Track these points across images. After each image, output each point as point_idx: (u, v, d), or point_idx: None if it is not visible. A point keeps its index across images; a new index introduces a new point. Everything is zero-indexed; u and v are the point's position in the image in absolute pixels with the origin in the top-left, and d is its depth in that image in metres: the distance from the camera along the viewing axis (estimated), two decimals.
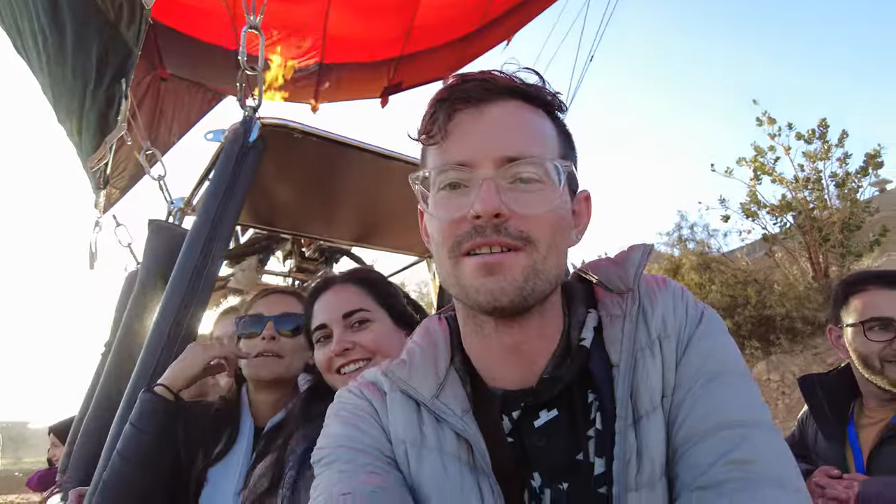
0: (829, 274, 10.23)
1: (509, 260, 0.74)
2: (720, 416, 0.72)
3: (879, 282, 1.72)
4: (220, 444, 1.55)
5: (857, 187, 10.56)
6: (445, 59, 5.31)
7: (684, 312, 0.83)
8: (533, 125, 0.80)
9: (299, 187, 2.45)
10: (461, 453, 0.79)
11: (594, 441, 0.77)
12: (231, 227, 1.70)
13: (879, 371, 1.65)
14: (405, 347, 0.95)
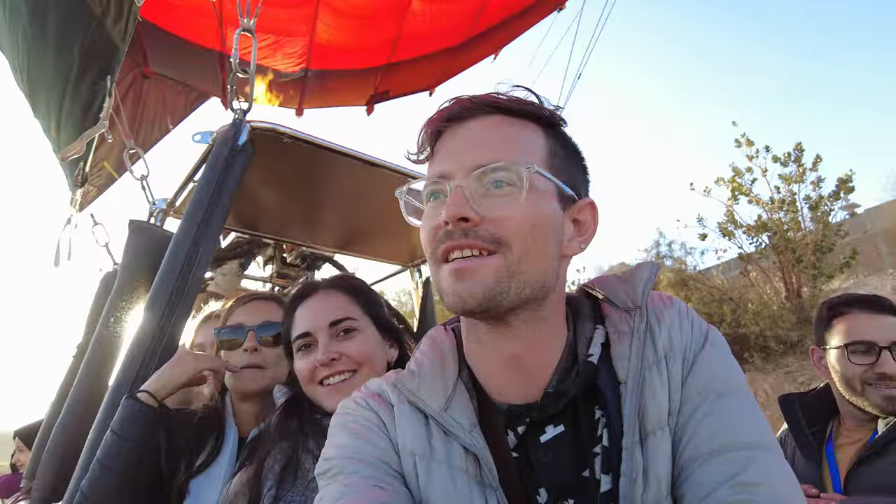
0: (802, 294, 10.49)
1: (478, 264, 0.76)
2: (726, 437, 0.73)
3: (863, 306, 1.76)
4: (204, 454, 1.50)
5: (830, 210, 10.87)
6: (432, 70, 5.32)
7: (690, 331, 0.84)
8: (509, 135, 0.83)
9: (284, 192, 2.42)
10: (469, 467, 0.79)
11: (600, 458, 0.77)
12: (218, 232, 1.66)
13: (860, 393, 1.69)
14: (413, 358, 0.94)
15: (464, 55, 5.21)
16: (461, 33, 5.00)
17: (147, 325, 1.54)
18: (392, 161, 2.24)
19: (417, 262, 3.31)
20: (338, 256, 3.22)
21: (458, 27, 4.94)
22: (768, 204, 11.17)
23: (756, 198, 11.33)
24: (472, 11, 4.77)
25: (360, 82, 5.20)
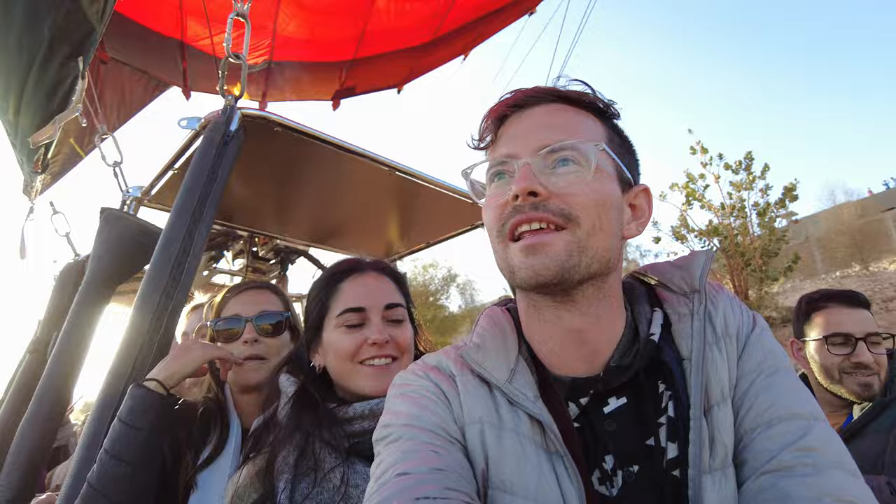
0: (749, 296, 11.06)
1: (551, 238, 0.80)
2: (784, 408, 0.79)
3: (840, 300, 1.90)
4: (210, 447, 1.47)
5: (775, 217, 11.54)
6: (398, 68, 5.30)
7: (741, 314, 0.90)
8: (572, 119, 0.88)
9: (263, 182, 2.36)
10: (536, 436, 0.81)
11: (666, 427, 0.81)
12: (212, 219, 1.61)
13: (838, 381, 1.82)
14: (473, 333, 0.96)
15: (431, 54, 5.20)
16: (428, 32, 4.99)
17: (143, 316, 1.47)
18: (377, 153, 2.22)
19: (393, 257, 3.29)
20: (313, 250, 3.17)
21: (424, 26, 4.93)
22: (720, 209, 11.76)
23: (708, 203, 11.93)
24: (438, 11, 4.78)
25: (325, 76, 5.12)
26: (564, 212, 0.80)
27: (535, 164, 0.82)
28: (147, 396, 1.34)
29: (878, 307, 11.13)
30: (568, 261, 0.78)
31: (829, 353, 1.85)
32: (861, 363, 1.79)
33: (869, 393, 1.78)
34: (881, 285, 13.89)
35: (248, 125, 1.77)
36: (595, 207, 0.81)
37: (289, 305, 1.74)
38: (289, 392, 1.35)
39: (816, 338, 1.90)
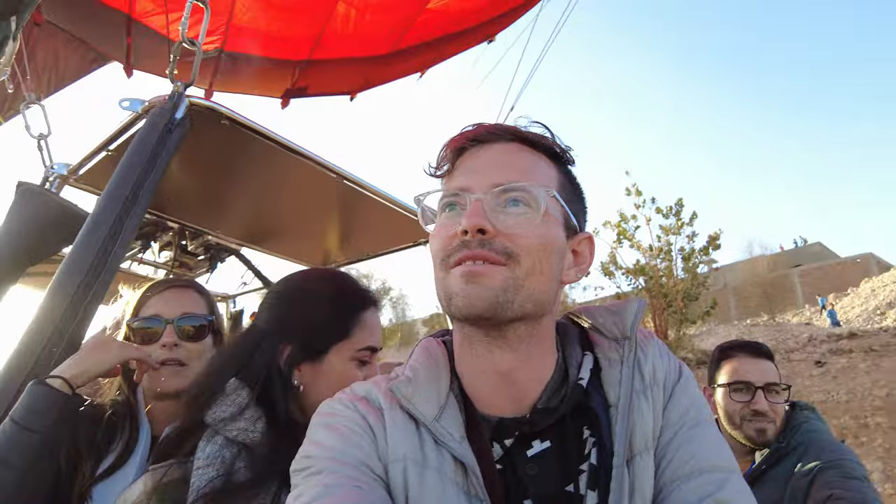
0: (668, 336, 11.59)
1: (491, 271, 0.81)
2: (704, 460, 0.81)
3: (747, 351, 2.03)
4: (114, 455, 1.34)
5: (698, 263, 12.20)
6: (353, 75, 5.25)
7: (668, 363, 0.93)
8: (528, 161, 0.90)
9: (201, 175, 2.26)
10: (458, 477, 0.80)
11: (587, 475, 0.81)
12: (145, 209, 1.51)
13: (738, 427, 1.93)
14: (407, 365, 0.94)
15: (388, 67, 5.19)
16: (386, 45, 4.99)
17: (55, 303, 1.34)
18: (325, 158, 2.17)
19: (331, 266, 3.22)
20: (245, 251, 3.05)
21: (383, 38, 4.92)
22: (648, 251, 12.34)
23: (638, 243, 12.50)
24: (398, 27, 4.78)
25: (276, 73, 4.99)
26: (508, 250, 0.81)
27: (487, 201, 0.83)
28: (49, 395, 1.21)
29: (781, 357, 11.91)
30: (502, 295, 0.79)
31: (732, 399, 1.96)
32: (758, 410, 1.90)
33: (763, 438, 1.89)
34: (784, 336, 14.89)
35: (194, 114, 1.69)
36: (537, 250, 0.83)
37: (213, 307, 1.64)
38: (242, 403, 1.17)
39: (722, 384, 2.02)
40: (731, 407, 1.95)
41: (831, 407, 9.60)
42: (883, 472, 7.91)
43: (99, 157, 1.91)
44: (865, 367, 10.54)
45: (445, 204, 0.89)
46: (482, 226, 0.80)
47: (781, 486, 1.75)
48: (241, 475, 1.10)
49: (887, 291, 21.54)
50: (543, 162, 0.91)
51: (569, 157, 0.95)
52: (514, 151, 0.90)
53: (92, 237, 1.42)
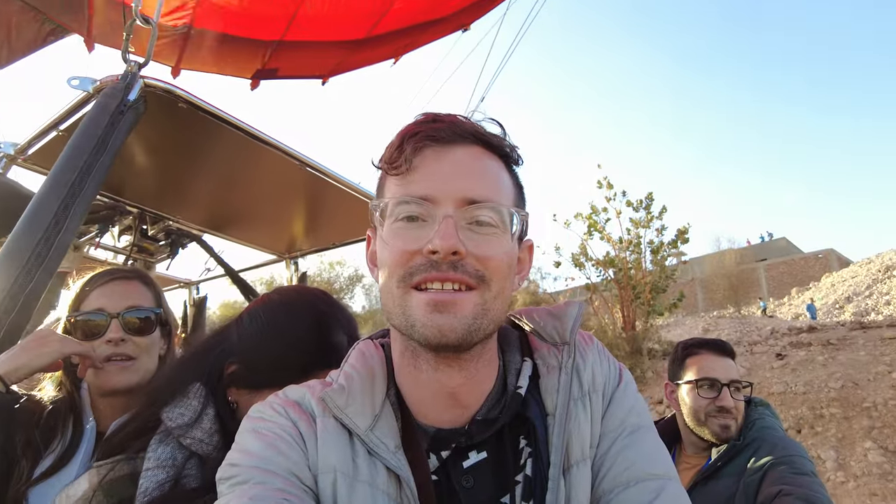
0: (636, 327, 11.80)
1: (461, 298, 0.76)
2: (641, 469, 0.80)
3: (711, 349, 2.07)
4: (54, 455, 1.28)
5: (667, 256, 12.42)
6: (326, 59, 5.14)
7: (608, 369, 0.91)
8: (493, 172, 0.85)
9: (161, 158, 2.19)
10: (391, 489, 0.77)
11: (522, 486, 0.80)
12: (94, 194, 1.44)
13: (703, 423, 1.96)
14: (341, 371, 0.90)
15: (362, 52, 5.09)
16: (361, 29, 4.90)
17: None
18: (289, 145, 2.13)
19: (295, 254, 3.17)
20: (208, 237, 2.98)
21: (358, 23, 4.82)
22: (617, 243, 12.53)
23: (608, 236, 12.69)
24: (374, 12, 4.70)
25: (247, 53, 4.85)
26: (479, 273, 0.77)
27: (458, 219, 0.77)
28: None
29: (744, 349, 12.22)
30: (473, 323, 0.75)
31: (699, 395, 2.00)
32: (724, 407, 1.94)
33: (727, 434, 1.93)
34: (748, 328, 15.27)
35: (149, 96, 1.62)
36: (505, 271, 0.80)
37: (160, 298, 1.57)
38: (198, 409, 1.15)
39: (688, 381, 2.05)
40: (698, 403, 1.99)
41: (790, 398, 9.90)
42: (836, 461, 8.20)
43: (49, 136, 1.83)
44: (823, 360, 10.88)
45: (406, 213, 0.80)
46: (457, 248, 0.75)
47: (735, 482, 1.79)
48: (191, 481, 1.08)
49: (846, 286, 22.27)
50: (504, 171, 0.87)
51: (520, 159, 0.91)
52: (479, 158, 0.83)
53: (33, 224, 1.35)
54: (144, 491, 1.03)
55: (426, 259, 0.76)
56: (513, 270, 0.83)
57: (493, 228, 0.79)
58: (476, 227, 0.79)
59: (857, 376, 9.84)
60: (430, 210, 0.78)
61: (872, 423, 8.64)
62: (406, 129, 0.84)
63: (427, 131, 0.82)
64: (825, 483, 7.70)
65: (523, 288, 14.11)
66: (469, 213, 0.78)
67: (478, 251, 0.77)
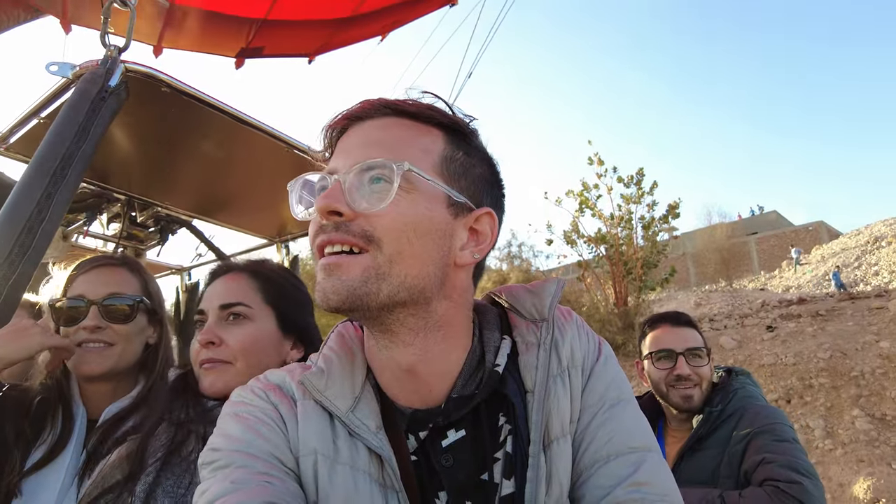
0: (628, 303, 11.87)
1: (347, 261, 0.75)
2: (621, 443, 0.81)
3: (667, 321, 2.10)
4: (46, 445, 1.28)
5: (658, 231, 12.45)
6: (312, 37, 5.06)
7: (587, 344, 0.91)
8: (398, 135, 0.81)
9: (146, 144, 2.17)
10: (372, 469, 0.78)
11: (502, 463, 0.81)
12: (77, 182, 1.43)
13: (665, 395, 2.00)
14: (320, 354, 0.90)
15: (348, 30, 5.01)
16: (347, 7, 4.83)
17: None
18: (276, 128, 2.11)
19: (286, 238, 3.16)
20: (197, 222, 2.96)
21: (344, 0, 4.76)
22: (609, 219, 12.54)
23: (599, 212, 12.68)
24: None
25: (231, 31, 4.76)
26: (367, 233, 0.74)
27: (347, 180, 0.76)
28: None
29: (735, 322, 12.36)
30: (361, 287, 0.73)
31: (655, 367, 2.04)
32: (680, 375, 1.97)
33: (689, 404, 1.97)
34: (740, 301, 15.42)
35: (131, 81, 1.60)
36: (403, 231, 0.75)
37: (147, 286, 1.55)
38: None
39: (646, 355, 2.09)
40: (656, 375, 2.03)
41: (780, 369, 10.05)
42: (824, 430, 8.36)
43: (31, 124, 1.81)
44: (812, 331, 11.02)
45: (319, 188, 0.81)
46: (333, 207, 0.74)
47: (720, 452, 1.82)
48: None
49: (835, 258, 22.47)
50: (426, 135, 0.83)
51: (463, 127, 0.87)
52: (387, 126, 0.82)
53: (15, 214, 1.33)
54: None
55: (319, 225, 0.77)
56: (429, 233, 0.78)
57: (385, 185, 0.76)
58: (371, 185, 0.76)
59: (845, 346, 9.99)
60: (329, 180, 0.79)
61: (860, 392, 8.80)
62: (331, 118, 0.86)
63: (345, 114, 0.84)
64: (814, 451, 7.87)
65: (515, 266, 14.17)
66: (361, 175, 0.76)
67: (364, 210, 0.75)
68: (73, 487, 1.26)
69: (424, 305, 0.80)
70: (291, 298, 1.36)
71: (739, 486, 1.72)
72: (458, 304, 0.85)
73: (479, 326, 0.91)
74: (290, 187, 0.85)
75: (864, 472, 7.26)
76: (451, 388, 0.84)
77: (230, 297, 1.26)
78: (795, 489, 1.55)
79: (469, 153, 0.86)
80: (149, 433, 1.15)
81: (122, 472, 1.10)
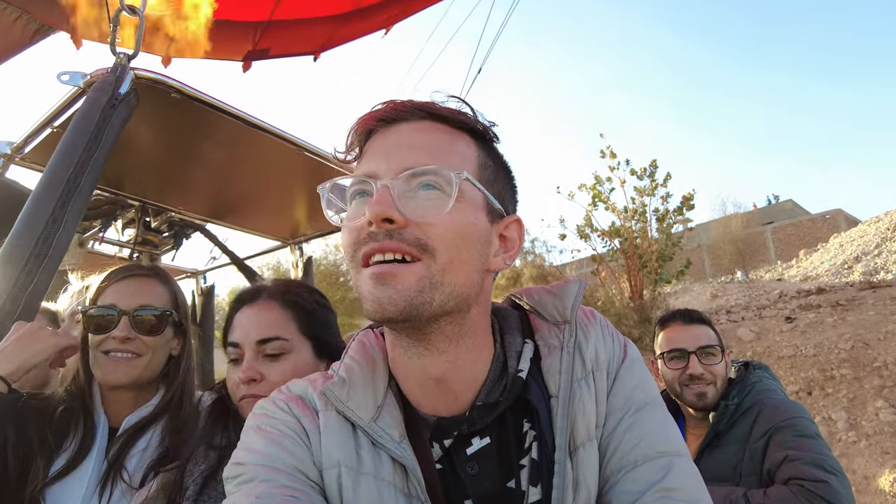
0: (643, 296, 11.76)
1: (402, 270, 0.73)
2: (649, 447, 0.79)
3: (680, 319, 2.06)
4: (69, 453, 1.28)
5: (673, 223, 12.32)
6: (317, 34, 5.08)
7: (612, 345, 0.89)
8: (440, 140, 0.80)
9: (158, 150, 2.18)
10: (396, 480, 0.77)
11: (528, 470, 0.79)
12: (90, 190, 1.43)
13: (680, 394, 1.97)
14: (342, 363, 0.89)
15: (352, 24, 5.03)
16: (349, 1, 4.84)
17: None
18: (287, 131, 2.11)
19: (299, 239, 3.17)
20: (211, 226, 2.98)
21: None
22: (622, 212, 12.43)
23: (612, 206, 12.57)
24: None
25: (237, 35, 4.81)
26: (421, 241, 0.73)
27: (396, 187, 0.74)
28: None
29: (753, 314, 12.20)
30: (418, 297, 0.72)
31: (668, 368, 2.01)
32: (692, 374, 1.94)
33: (704, 402, 1.93)
34: (757, 292, 15.23)
35: (141, 88, 1.60)
36: (454, 239, 0.75)
37: (176, 298, 1.55)
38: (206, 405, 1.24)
39: (660, 354, 2.06)
40: (670, 375, 2.00)
41: (800, 361, 9.91)
42: (847, 422, 8.23)
43: (44, 133, 1.82)
44: (832, 322, 10.86)
45: (354, 192, 0.80)
46: (388, 214, 0.72)
47: (740, 449, 1.79)
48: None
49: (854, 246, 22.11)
50: (461, 140, 0.82)
51: (491, 134, 0.86)
52: (425, 130, 0.80)
53: (32, 222, 1.34)
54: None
55: (367, 233, 0.74)
56: (475, 241, 0.78)
57: (437, 192, 0.75)
58: (420, 191, 0.75)
59: (867, 336, 9.83)
60: (372, 184, 0.76)
61: (883, 383, 8.65)
62: (358, 119, 0.83)
63: (375, 115, 0.82)
64: (837, 444, 7.75)
65: (529, 262, 14.11)
66: (410, 181, 0.75)
67: (418, 218, 0.73)
68: (94, 497, 1.27)
69: (465, 313, 0.80)
70: (323, 323, 1.34)
71: (763, 483, 1.68)
72: (484, 309, 0.85)
73: (501, 331, 0.90)
74: (320, 190, 0.84)
75: (889, 464, 7.14)
76: (476, 396, 0.83)
77: (267, 331, 1.23)
78: (822, 488, 1.51)
79: (496, 160, 0.87)
80: (186, 461, 1.16)
81: (162, 503, 1.11)
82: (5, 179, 1.87)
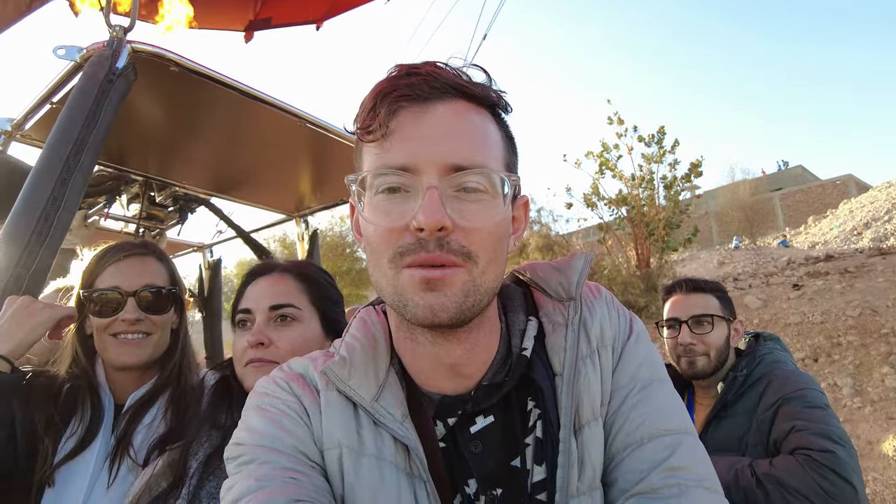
0: (650, 264, 11.70)
1: (450, 276, 0.70)
2: (654, 425, 0.77)
3: (682, 288, 2.05)
4: (77, 434, 1.29)
5: (681, 191, 12.14)
6: (319, 3, 4.99)
7: (618, 322, 0.87)
8: (480, 130, 0.75)
9: (161, 124, 2.16)
10: (398, 459, 0.76)
11: (532, 448, 0.78)
12: (91, 167, 1.42)
13: (677, 363, 1.97)
14: (343, 342, 0.87)
15: None
16: None
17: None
18: (289, 103, 2.08)
19: (304, 212, 3.15)
20: (215, 200, 2.97)
21: None
22: (630, 180, 12.26)
23: (620, 173, 12.39)
24: None
25: (238, 5, 4.74)
26: (465, 249, 0.70)
27: (442, 187, 0.70)
28: None
29: (760, 281, 12.14)
30: (465, 301, 0.71)
31: (666, 337, 2.03)
32: (680, 343, 1.95)
33: (692, 370, 1.94)
34: (764, 259, 15.14)
35: (139, 62, 1.57)
36: (493, 242, 0.73)
37: (174, 274, 1.55)
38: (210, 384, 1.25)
39: (660, 323, 2.08)
40: (668, 344, 2.02)
41: (807, 328, 9.91)
42: (853, 388, 8.27)
43: (43, 110, 1.80)
44: (840, 289, 10.80)
45: (386, 185, 0.73)
46: (444, 224, 0.68)
47: (748, 419, 1.78)
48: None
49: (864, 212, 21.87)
50: (490, 124, 0.78)
51: (508, 107, 0.81)
52: (463, 115, 0.74)
53: (32, 201, 1.33)
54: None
55: (414, 238, 0.70)
56: (505, 236, 0.77)
57: (481, 194, 0.72)
58: (463, 194, 0.72)
59: (875, 303, 9.78)
60: (412, 180, 0.71)
61: (890, 349, 8.65)
62: (379, 88, 0.74)
63: (402, 89, 0.72)
64: (842, 409, 7.79)
65: (535, 231, 14.04)
66: (455, 181, 0.71)
67: (465, 222, 0.71)
68: (103, 472, 1.28)
69: (491, 304, 0.79)
70: (332, 299, 1.35)
71: (769, 454, 1.68)
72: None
73: (504, 309, 0.89)
74: (347, 182, 0.78)
75: (893, 430, 7.19)
76: (484, 376, 0.82)
77: (280, 298, 1.25)
78: (828, 458, 1.51)
79: (509, 135, 0.83)
80: (191, 440, 1.17)
81: (167, 481, 1.13)
82: (6, 156, 1.86)
